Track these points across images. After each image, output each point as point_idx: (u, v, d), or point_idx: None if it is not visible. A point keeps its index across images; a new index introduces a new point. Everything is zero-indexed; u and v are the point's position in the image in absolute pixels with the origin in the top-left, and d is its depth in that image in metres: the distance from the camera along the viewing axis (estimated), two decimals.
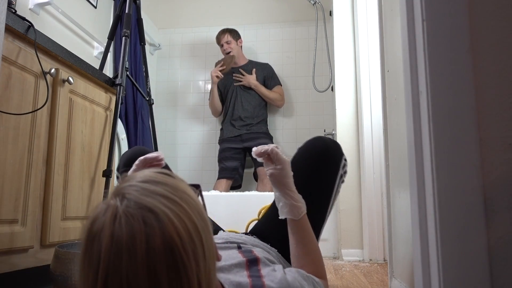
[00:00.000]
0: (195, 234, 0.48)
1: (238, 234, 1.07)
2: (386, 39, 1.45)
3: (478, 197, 0.70)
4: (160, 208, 0.47)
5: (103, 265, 0.45)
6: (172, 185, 0.51)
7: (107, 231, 0.46)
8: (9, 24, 1.21)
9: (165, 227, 0.46)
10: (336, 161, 1.10)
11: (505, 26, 0.74)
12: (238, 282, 0.69)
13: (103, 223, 0.47)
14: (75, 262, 1.11)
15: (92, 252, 0.46)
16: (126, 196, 0.48)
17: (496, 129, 0.72)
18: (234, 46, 3.08)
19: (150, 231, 0.45)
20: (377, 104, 2.20)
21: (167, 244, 0.45)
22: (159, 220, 0.46)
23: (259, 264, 0.78)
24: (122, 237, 0.45)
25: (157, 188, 0.49)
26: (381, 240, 2.17)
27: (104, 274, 0.45)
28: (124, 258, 0.44)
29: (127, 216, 0.46)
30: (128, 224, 0.45)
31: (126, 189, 0.49)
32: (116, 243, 0.45)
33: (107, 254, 0.45)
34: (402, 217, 1.26)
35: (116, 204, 0.47)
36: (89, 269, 0.46)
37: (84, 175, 1.63)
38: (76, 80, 1.56)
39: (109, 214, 0.47)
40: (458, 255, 0.69)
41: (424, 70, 0.75)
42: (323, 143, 1.10)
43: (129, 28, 1.99)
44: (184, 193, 0.51)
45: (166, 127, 3.39)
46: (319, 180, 1.08)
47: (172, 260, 0.45)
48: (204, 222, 0.51)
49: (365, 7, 2.35)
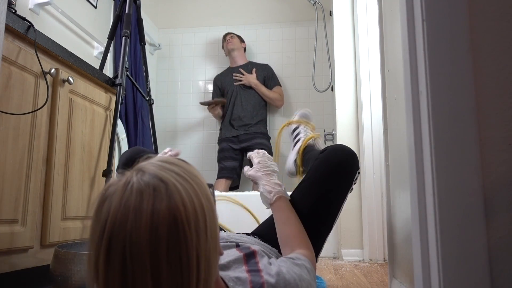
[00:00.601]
0: (199, 210, 0.51)
1: (238, 235, 1.08)
2: (386, 39, 1.45)
3: (478, 197, 0.70)
4: (171, 180, 0.51)
5: (110, 221, 0.48)
6: (186, 167, 0.55)
7: (118, 193, 0.49)
8: (9, 24, 1.21)
9: (172, 196, 0.49)
10: (352, 176, 1.09)
11: (505, 26, 0.74)
12: (237, 277, 0.70)
13: (115, 188, 0.50)
14: (75, 262, 1.11)
15: (101, 212, 0.50)
16: (142, 169, 0.52)
17: (496, 129, 0.72)
18: (235, 42, 3.15)
19: (158, 195, 0.49)
20: (377, 104, 2.20)
21: (171, 210, 0.48)
22: (168, 189, 0.50)
23: (256, 257, 0.79)
24: (131, 199, 0.48)
25: (172, 167, 0.53)
26: (381, 240, 2.16)
27: (109, 230, 0.48)
28: (129, 216, 0.47)
29: (139, 182, 0.50)
30: (139, 189, 0.49)
31: (144, 165, 0.53)
32: (125, 203, 0.48)
33: (115, 212, 0.48)
34: (402, 217, 1.26)
35: (131, 175, 0.51)
36: (97, 224, 0.50)
37: (84, 175, 1.63)
38: (76, 80, 1.56)
39: (123, 181, 0.51)
40: (458, 255, 0.69)
41: (424, 70, 0.75)
42: (342, 156, 1.09)
43: (129, 28, 1.99)
44: (195, 176, 0.55)
45: (166, 127, 3.39)
46: (332, 192, 1.09)
47: (174, 226, 0.48)
48: (210, 205, 0.54)
49: (365, 7, 2.35)
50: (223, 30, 3.46)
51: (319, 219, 1.07)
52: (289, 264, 0.78)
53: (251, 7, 3.48)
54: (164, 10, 3.56)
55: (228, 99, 3.09)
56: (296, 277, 0.73)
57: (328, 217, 1.10)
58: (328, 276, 1.71)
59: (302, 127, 1.51)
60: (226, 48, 3.19)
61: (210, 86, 3.42)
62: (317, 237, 1.07)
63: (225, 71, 3.23)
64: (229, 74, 3.13)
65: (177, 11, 3.56)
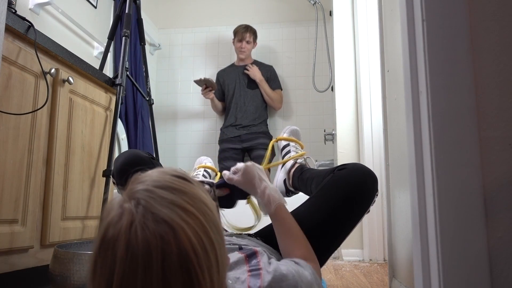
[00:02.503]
0: (210, 250, 0.48)
1: (240, 237, 1.07)
2: (386, 39, 1.45)
3: (478, 197, 0.70)
4: (177, 223, 0.46)
5: (118, 277, 0.44)
6: (189, 193, 0.50)
7: (123, 241, 0.45)
8: (9, 24, 1.21)
9: (182, 245, 0.45)
10: (371, 199, 1.03)
11: (505, 26, 0.74)
12: (237, 277, 0.70)
13: (118, 231, 0.46)
14: (74, 262, 1.11)
15: (105, 261, 0.46)
16: (141, 203, 0.47)
17: (496, 129, 0.72)
18: (250, 48, 3.09)
19: (167, 248, 0.44)
20: (377, 104, 2.20)
21: (183, 262, 0.45)
22: (176, 236, 0.45)
23: (258, 256, 0.79)
24: (138, 250, 0.44)
25: (175, 198, 0.48)
26: (381, 240, 2.17)
27: (118, 283, 0.44)
28: (139, 272, 0.44)
29: (143, 228, 0.45)
30: (144, 238, 0.44)
31: (140, 193, 0.48)
32: (131, 256, 0.44)
33: (121, 267, 0.44)
34: (402, 217, 1.26)
35: (131, 210, 0.46)
36: (101, 278, 0.46)
37: (84, 175, 1.63)
38: (76, 80, 1.56)
39: (125, 222, 0.46)
40: (458, 255, 0.69)
41: (424, 70, 0.75)
42: (362, 177, 1.02)
43: (129, 28, 1.99)
44: (201, 202, 0.50)
45: (166, 127, 3.39)
46: (349, 212, 1.02)
47: (187, 277, 0.45)
48: (219, 235, 0.51)
49: (365, 7, 2.35)
50: (223, 30, 3.47)
51: (330, 239, 1.02)
52: (289, 262, 0.78)
53: (251, 7, 3.48)
54: (164, 10, 3.56)
55: (230, 98, 3.07)
56: (294, 273, 0.73)
57: (340, 237, 1.04)
58: (328, 276, 1.71)
59: (292, 145, 1.43)
60: (238, 50, 3.10)
61: None
62: (325, 254, 1.03)
63: (229, 67, 3.21)
64: (232, 72, 3.11)
65: (177, 11, 3.57)
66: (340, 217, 1.01)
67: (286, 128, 1.52)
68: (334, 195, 1.02)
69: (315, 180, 1.16)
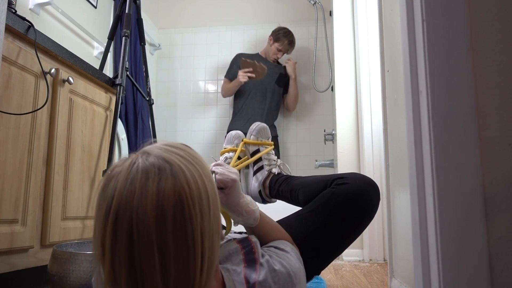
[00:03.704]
0: (203, 190, 0.52)
1: (238, 234, 1.07)
2: (386, 39, 1.45)
3: (478, 197, 0.70)
4: (175, 162, 0.52)
5: (117, 198, 0.49)
6: (190, 152, 0.56)
7: (124, 172, 0.51)
8: (9, 24, 1.21)
9: (177, 176, 0.50)
10: (375, 211, 0.99)
11: (505, 26, 0.74)
12: (234, 269, 0.70)
13: (121, 168, 0.52)
14: (71, 262, 1.11)
15: (107, 189, 0.51)
16: (147, 151, 0.53)
17: (496, 129, 0.72)
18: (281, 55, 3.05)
19: (163, 175, 0.50)
20: (377, 104, 2.20)
21: (176, 189, 0.49)
22: (173, 169, 0.51)
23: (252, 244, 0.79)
24: (137, 177, 0.50)
25: (176, 150, 0.55)
26: (381, 240, 2.17)
27: (116, 207, 0.49)
28: (136, 194, 0.48)
29: (145, 163, 0.51)
30: (144, 169, 0.50)
31: (149, 148, 0.55)
32: (131, 181, 0.49)
33: (121, 190, 0.49)
34: (402, 217, 1.26)
35: (137, 157, 0.53)
36: (103, 202, 0.51)
37: (84, 175, 1.63)
38: (76, 80, 1.56)
39: (129, 161, 0.52)
40: (458, 255, 0.69)
41: (424, 70, 0.75)
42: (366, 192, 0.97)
43: (129, 28, 1.99)
44: (199, 160, 0.56)
45: (166, 127, 3.39)
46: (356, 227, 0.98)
47: (179, 204, 0.49)
48: (213, 187, 0.55)
49: (365, 7, 2.35)
50: (223, 30, 3.47)
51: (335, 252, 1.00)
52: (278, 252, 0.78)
53: (251, 7, 3.48)
54: (164, 10, 3.56)
55: (246, 96, 2.93)
56: (285, 264, 0.74)
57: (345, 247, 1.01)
58: (328, 276, 1.71)
59: (262, 149, 1.33)
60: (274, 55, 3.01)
61: (210, 86, 3.42)
62: (326, 262, 1.01)
63: (254, 55, 3.09)
64: (258, 60, 2.90)
65: (177, 11, 3.57)
66: (348, 234, 0.98)
67: (252, 128, 1.36)
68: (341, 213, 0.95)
69: (302, 190, 1.10)
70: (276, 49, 3.00)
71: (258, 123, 1.37)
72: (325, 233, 0.95)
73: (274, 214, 0.98)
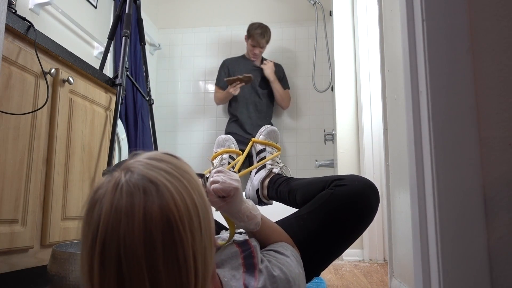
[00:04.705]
0: (192, 208, 0.50)
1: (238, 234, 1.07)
2: (386, 39, 1.45)
3: (478, 197, 0.70)
4: (161, 180, 0.49)
5: (102, 226, 0.47)
6: (175, 163, 0.54)
7: (108, 196, 0.48)
8: (9, 24, 1.21)
9: (163, 197, 0.48)
10: (374, 212, 0.98)
11: (505, 26, 0.74)
12: (232, 274, 0.70)
13: (105, 190, 0.49)
14: (70, 262, 1.11)
15: (92, 216, 0.49)
16: (130, 169, 0.51)
17: (496, 129, 0.72)
18: (262, 52, 3.04)
19: (149, 198, 0.48)
20: (377, 104, 2.20)
21: (163, 212, 0.47)
22: (158, 190, 0.49)
23: (252, 247, 0.79)
24: (122, 202, 0.47)
25: (161, 164, 0.52)
26: (381, 240, 2.17)
27: (102, 235, 0.47)
28: (122, 220, 0.46)
29: (129, 184, 0.49)
30: (129, 192, 0.48)
31: (131, 164, 0.52)
32: (116, 207, 0.47)
33: (106, 217, 0.47)
34: (402, 217, 1.26)
35: (120, 176, 0.50)
36: (88, 230, 0.49)
37: (84, 175, 1.63)
38: (76, 80, 1.56)
39: (112, 183, 0.49)
40: (458, 255, 0.69)
41: (424, 70, 0.75)
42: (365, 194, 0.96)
43: (129, 28, 1.99)
44: (186, 172, 0.54)
45: (166, 127, 3.39)
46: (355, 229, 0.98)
47: (168, 227, 0.47)
48: (202, 200, 0.53)
49: (365, 7, 2.35)
50: (223, 30, 3.47)
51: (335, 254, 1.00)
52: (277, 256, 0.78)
53: (251, 7, 3.48)
54: (164, 10, 3.56)
55: (237, 97, 2.96)
56: (284, 269, 0.73)
57: (345, 248, 1.01)
58: (328, 276, 1.71)
59: (268, 151, 1.33)
60: (251, 53, 3.03)
61: (210, 86, 3.42)
62: (326, 263, 1.01)
63: (239, 58, 3.13)
64: (242, 63, 3.01)
65: (177, 11, 3.57)
66: (347, 235, 0.98)
67: (263, 129, 1.39)
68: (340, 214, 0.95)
69: (301, 191, 1.10)
70: (250, 46, 3.01)
71: (268, 126, 1.41)
72: (324, 234, 0.95)
73: (274, 215, 0.98)
